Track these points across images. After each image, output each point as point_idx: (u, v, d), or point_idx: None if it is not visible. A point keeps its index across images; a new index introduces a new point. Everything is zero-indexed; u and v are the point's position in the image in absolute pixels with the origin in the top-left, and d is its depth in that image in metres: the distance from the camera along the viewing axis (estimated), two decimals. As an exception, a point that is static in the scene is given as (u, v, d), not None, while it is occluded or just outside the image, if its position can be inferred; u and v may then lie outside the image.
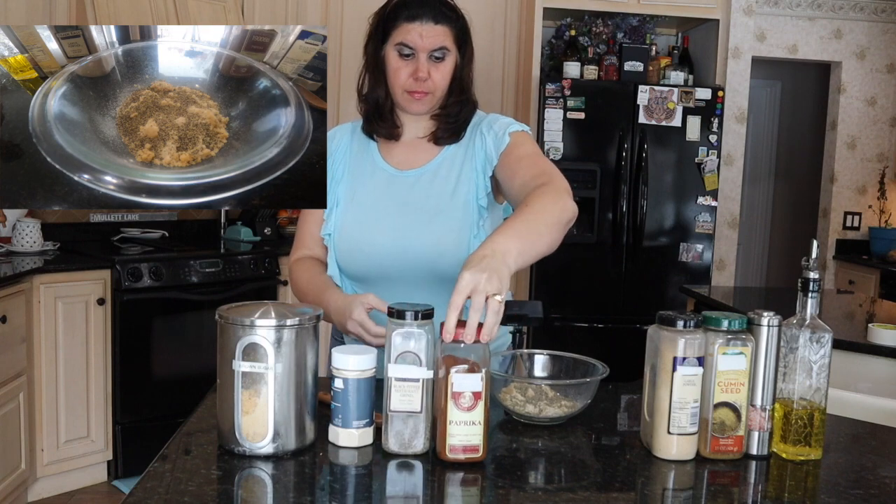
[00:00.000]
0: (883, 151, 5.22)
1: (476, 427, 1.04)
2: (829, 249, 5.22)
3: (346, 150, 1.57)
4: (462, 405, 1.04)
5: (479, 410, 1.04)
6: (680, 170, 3.96)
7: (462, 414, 1.04)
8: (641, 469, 1.09)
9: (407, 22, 1.44)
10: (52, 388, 2.99)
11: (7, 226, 3.25)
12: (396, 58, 1.46)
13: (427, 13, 1.43)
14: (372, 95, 1.53)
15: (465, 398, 1.04)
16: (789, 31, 5.07)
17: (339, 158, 1.56)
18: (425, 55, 1.45)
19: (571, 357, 1.38)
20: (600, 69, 4.08)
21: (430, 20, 1.43)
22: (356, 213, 1.52)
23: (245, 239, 3.93)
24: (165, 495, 0.93)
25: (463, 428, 1.04)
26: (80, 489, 3.15)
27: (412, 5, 1.44)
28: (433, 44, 1.44)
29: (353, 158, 1.56)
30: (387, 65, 1.48)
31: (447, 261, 1.45)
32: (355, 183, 1.54)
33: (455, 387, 1.03)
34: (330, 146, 1.56)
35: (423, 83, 1.45)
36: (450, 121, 1.52)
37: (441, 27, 1.44)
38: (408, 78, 1.46)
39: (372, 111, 1.54)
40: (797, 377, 1.13)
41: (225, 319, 1.06)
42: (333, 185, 1.54)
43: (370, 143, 1.57)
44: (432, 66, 1.45)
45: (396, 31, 1.46)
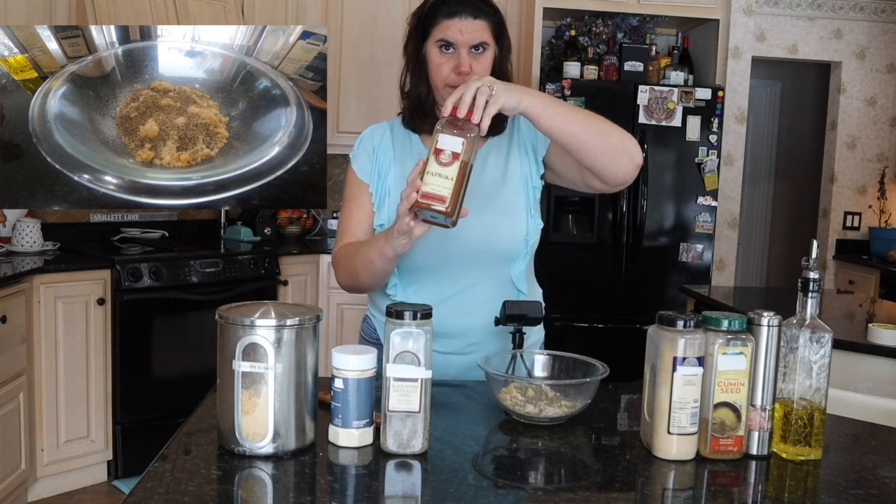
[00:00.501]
0: (883, 151, 5.22)
1: (448, 181, 1.17)
2: (829, 249, 5.22)
3: (388, 144, 1.59)
4: (441, 160, 1.17)
5: (454, 169, 1.17)
6: (680, 170, 3.96)
7: (439, 167, 1.17)
8: (641, 469, 1.09)
9: (446, 18, 1.48)
10: (52, 388, 2.99)
11: (7, 226, 3.25)
12: (438, 54, 1.50)
13: (465, 9, 1.48)
14: (414, 92, 1.56)
15: (444, 155, 1.17)
16: (789, 31, 5.07)
17: (383, 153, 1.58)
18: (466, 49, 1.48)
19: (571, 357, 1.38)
20: (600, 69, 4.08)
21: (469, 15, 1.47)
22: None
23: (245, 239, 3.93)
24: (165, 495, 0.93)
25: (437, 179, 1.18)
26: (80, 489, 3.15)
27: (451, 2, 1.49)
28: (473, 38, 1.48)
29: (398, 151, 1.59)
30: (428, 62, 1.52)
31: (503, 244, 1.51)
32: (404, 173, 1.55)
33: (438, 144, 1.18)
34: (371, 143, 1.59)
35: (465, 77, 1.48)
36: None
37: (479, 21, 1.48)
38: (450, 72, 1.49)
39: (415, 107, 1.57)
40: (797, 377, 1.13)
41: (225, 319, 1.06)
42: (381, 178, 1.56)
43: (412, 136, 1.60)
44: (473, 59, 1.49)
45: (436, 29, 1.50)
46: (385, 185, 1.56)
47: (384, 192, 1.56)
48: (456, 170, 1.17)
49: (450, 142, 1.18)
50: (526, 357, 1.40)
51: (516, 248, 1.53)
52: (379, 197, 1.56)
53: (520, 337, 1.45)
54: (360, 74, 4.06)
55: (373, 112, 4.08)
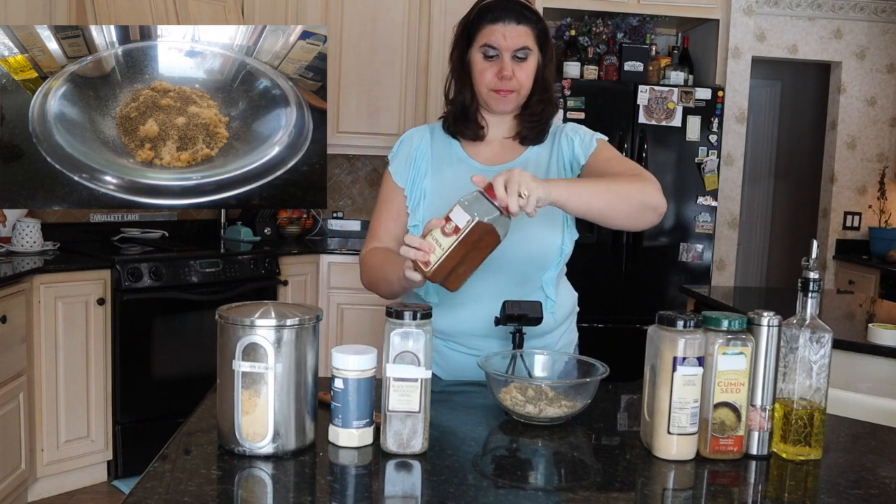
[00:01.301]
0: (883, 151, 5.22)
1: (440, 250, 1.21)
2: (829, 249, 5.22)
3: (427, 147, 1.61)
4: (444, 229, 1.20)
5: (451, 241, 1.20)
6: (680, 170, 3.96)
7: (439, 234, 1.21)
8: (641, 469, 1.09)
9: (490, 24, 1.50)
10: (52, 388, 2.99)
11: (7, 226, 3.25)
12: (481, 59, 1.52)
13: (509, 14, 1.49)
14: (458, 98, 1.58)
15: (449, 225, 1.20)
16: (789, 31, 5.07)
17: (421, 156, 1.60)
18: (509, 55, 1.50)
19: (571, 357, 1.39)
20: (600, 69, 4.08)
21: (513, 21, 1.49)
22: (444, 204, 1.54)
23: (245, 239, 3.93)
24: (165, 495, 0.93)
25: (433, 244, 1.21)
26: (80, 489, 3.15)
27: (495, 8, 1.51)
28: (516, 43, 1.50)
29: (437, 155, 1.60)
30: (472, 68, 1.54)
31: (540, 250, 1.54)
32: (441, 177, 1.58)
33: (451, 213, 1.21)
34: (410, 145, 1.62)
35: (507, 82, 1.51)
36: (533, 120, 1.58)
37: (523, 27, 1.50)
38: (493, 77, 1.51)
39: (458, 113, 1.58)
40: (797, 377, 1.13)
41: (225, 319, 1.06)
42: (418, 180, 1.59)
43: (452, 141, 1.62)
44: (516, 65, 1.51)
45: (480, 34, 1.52)
46: (421, 187, 1.58)
47: (420, 195, 1.58)
48: (452, 242, 1.20)
49: (459, 215, 1.20)
50: (526, 357, 1.40)
51: (551, 256, 1.56)
52: (415, 199, 1.58)
53: (520, 337, 1.45)
54: (360, 74, 4.06)
55: (373, 112, 4.09)
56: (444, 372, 1.60)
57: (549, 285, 1.57)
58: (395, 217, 1.60)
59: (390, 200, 1.61)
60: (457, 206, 1.21)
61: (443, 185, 1.57)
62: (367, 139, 4.02)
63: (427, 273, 1.22)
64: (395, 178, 1.61)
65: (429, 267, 1.22)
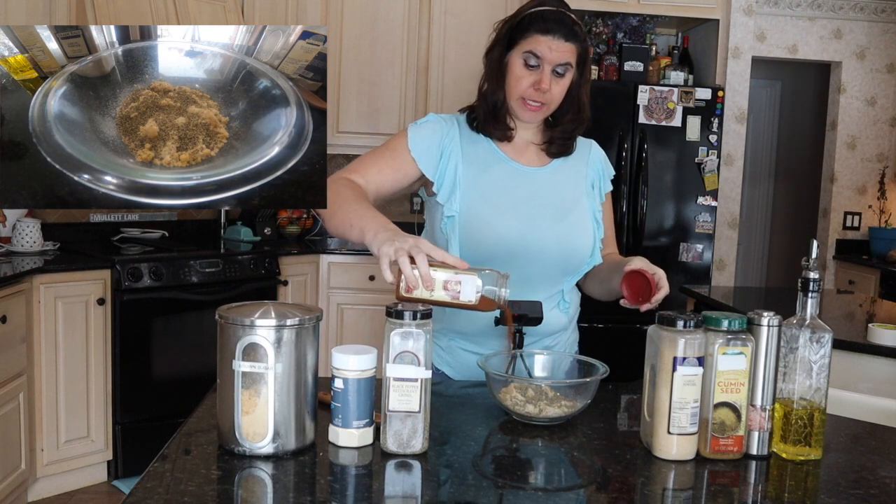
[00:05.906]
0: (883, 151, 5.22)
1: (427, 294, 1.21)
2: (829, 249, 5.22)
3: (456, 135, 1.58)
4: (448, 284, 1.21)
5: (442, 296, 1.21)
6: (680, 170, 3.96)
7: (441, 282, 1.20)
8: (641, 469, 1.09)
9: (539, 34, 1.49)
10: (52, 388, 2.99)
11: (7, 226, 3.25)
12: (521, 66, 1.51)
13: (561, 29, 1.49)
14: (491, 98, 1.56)
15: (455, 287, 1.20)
16: (789, 31, 5.07)
17: (449, 143, 1.57)
18: (550, 68, 1.50)
19: (571, 357, 1.39)
20: (600, 69, 4.08)
21: (562, 36, 1.49)
22: (484, 196, 1.54)
23: (245, 239, 3.93)
24: (165, 495, 0.93)
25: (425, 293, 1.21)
26: (80, 489, 3.15)
27: (549, 19, 1.49)
28: (560, 58, 1.49)
29: (466, 148, 1.58)
30: (509, 70, 1.53)
31: (574, 253, 1.56)
32: (475, 169, 1.56)
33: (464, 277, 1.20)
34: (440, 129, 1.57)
35: (542, 94, 1.50)
36: (565, 136, 1.59)
37: (569, 44, 1.50)
38: (528, 87, 1.51)
39: (489, 112, 1.57)
40: (797, 377, 1.13)
41: (225, 319, 1.06)
42: (449, 168, 1.55)
43: (480, 137, 1.60)
44: (553, 80, 1.51)
45: (526, 41, 1.50)
46: (453, 175, 1.54)
47: (452, 184, 1.54)
48: (442, 297, 1.21)
49: (469, 289, 1.21)
50: (526, 357, 1.40)
51: (580, 262, 1.58)
52: (447, 187, 1.54)
53: (520, 337, 1.45)
54: (360, 74, 4.06)
55: (373, 112, 4.09)
56: (456, 373, 1.60)
57: (568, 289, 1.61)
58: (393, 170, 1.55)
59: (397, 156, 1.55)
60: (475, 276, 1.21)
61: (478, 181, 1.54)
62: (367, 139, 4.01)
63: (398, 294, 1.22)
64: (411, 143, 1.55)
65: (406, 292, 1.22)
